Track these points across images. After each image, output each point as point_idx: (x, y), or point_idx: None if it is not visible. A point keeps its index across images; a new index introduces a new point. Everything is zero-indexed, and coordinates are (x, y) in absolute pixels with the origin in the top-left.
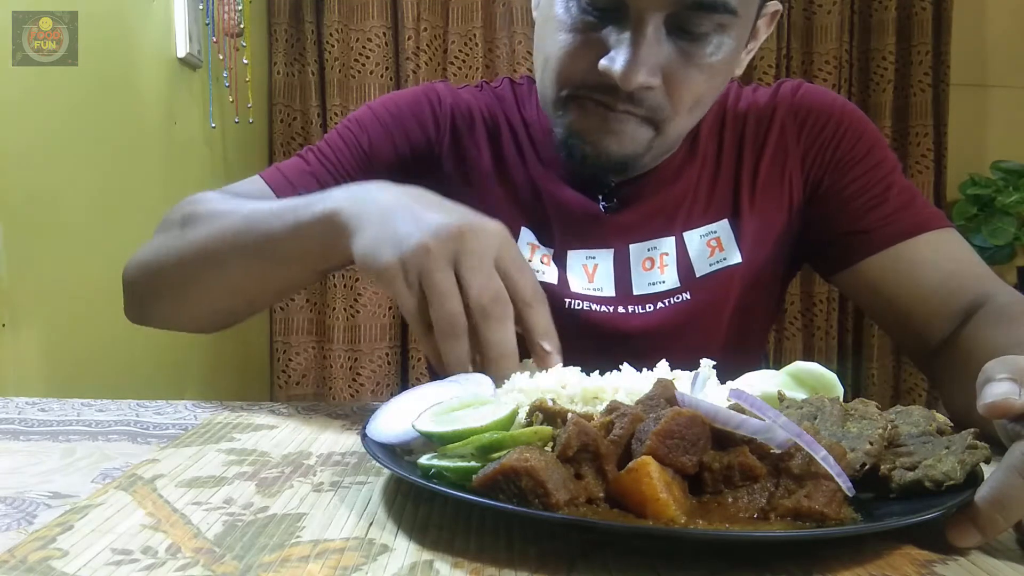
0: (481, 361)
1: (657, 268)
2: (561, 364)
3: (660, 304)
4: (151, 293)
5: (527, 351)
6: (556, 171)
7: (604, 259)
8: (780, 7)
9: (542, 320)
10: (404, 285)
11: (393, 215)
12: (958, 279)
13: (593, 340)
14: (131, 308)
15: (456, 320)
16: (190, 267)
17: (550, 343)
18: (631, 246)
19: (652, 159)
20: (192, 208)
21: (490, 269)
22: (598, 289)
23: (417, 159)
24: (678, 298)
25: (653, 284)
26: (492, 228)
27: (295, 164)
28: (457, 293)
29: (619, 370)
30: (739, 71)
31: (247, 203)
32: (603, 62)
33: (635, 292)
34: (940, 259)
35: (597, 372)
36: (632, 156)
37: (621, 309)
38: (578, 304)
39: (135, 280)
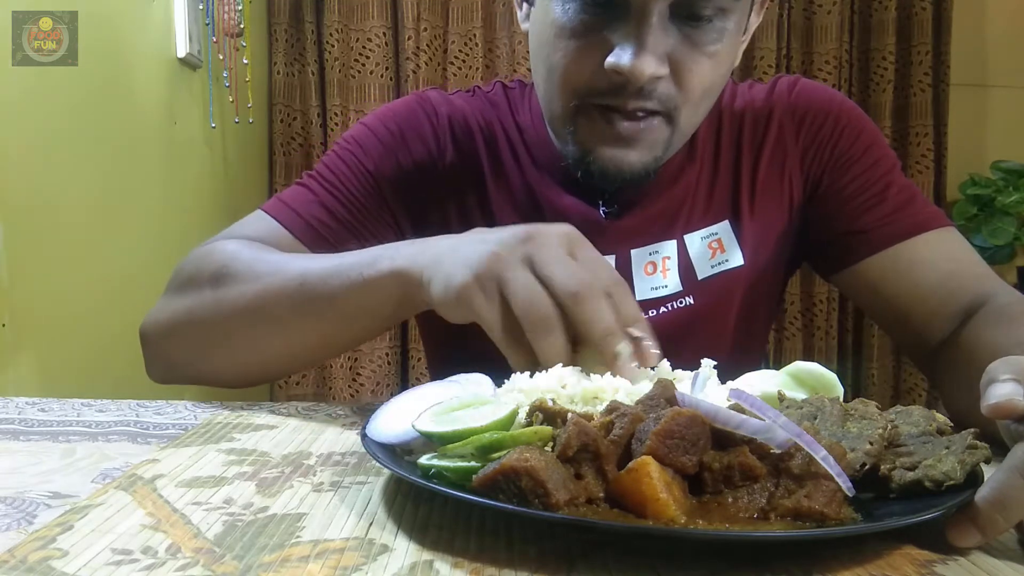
0: (581, 346)
1: (659, 272)
2: (658, 353)
3: (663, 309)
4: (184, 354)
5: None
6: (553, 177)
7: None
8: None
9: (629, 307)
10: (483, 298)
11: (458, 248)
12: (958, 279)
13: None
14: (155, 368)
15: (547, 311)
16: (235, 328)
17: (640, 329)
18: (632, 251)
19: (667, 158)
20: (221, 263)
21: (568, 259)
22: None
23: (422, 172)
24: (681, 302)
25: (655, 288)
26: (559, 227)
27: (299, 194)
28: (540, 286)
29: None
30: (736, 61)
31: (291, 259)
32: (610, 59)
33: (638, 298)
34: (939, 259)
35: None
36: (653, 163)
37: None
38: None
39: (160, 341)
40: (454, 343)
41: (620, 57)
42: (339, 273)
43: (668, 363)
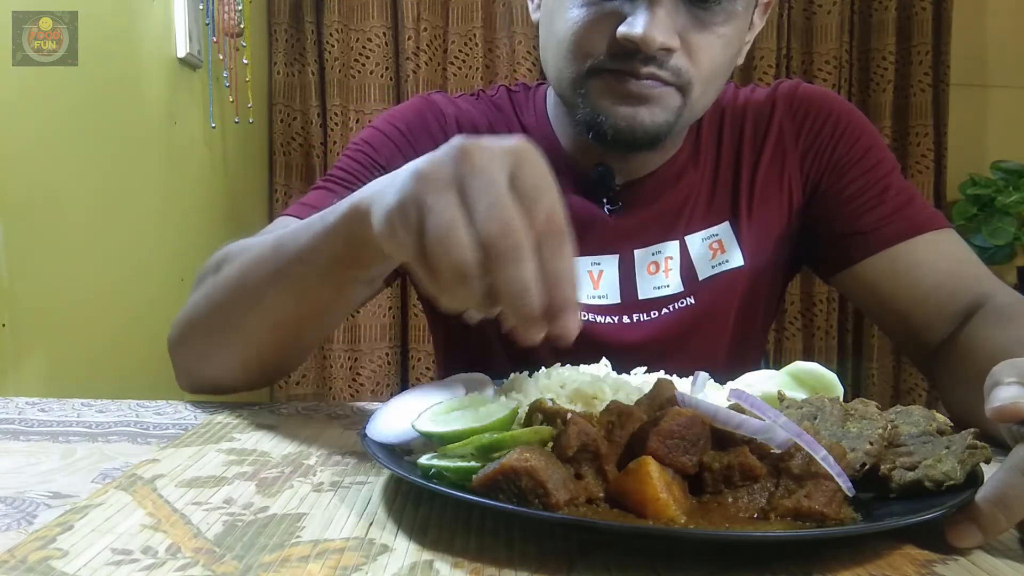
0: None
1: (662, 272)
2: (574, 329)
3: (665, 310)
4: (192, 355)
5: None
6: (558, 177)
7: (609, 265)
8: None
9: (557, 261)
10: (404, 227)
11: (400, 171)
12: (956, 280)
13: (597, 353)
14: (181, 377)
15: (460, 256)
16: (227, 309)
17: (564, 291)
18: (636, 251)
19: (677, 135)
20: (223, 254)
21: (500, 190)
22: (603, 296)
23: None
24: (682, 303)
25: (658, 288)
26: (505, 143)
27: (319, 195)
28: (461, 222)
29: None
30: (740, 60)
31: (277, 231)
32: (622, 28)
33: (640, 297)
34: (938, 260)
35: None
36: (664, 126)
37: (626, 319)
38: (583, 316)
39: (176, 347)
40: (458, 332)
41: (632, 26)
42: (307, 226)
43: (668, 371)
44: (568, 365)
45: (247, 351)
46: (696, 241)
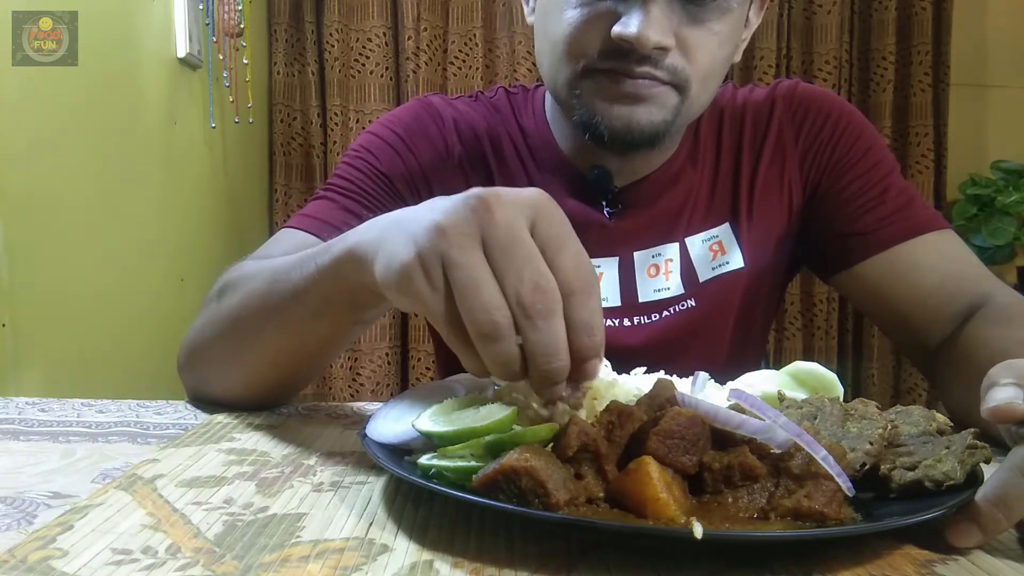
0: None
1: (662, 275)
2: (601, 370)
3: (666, 312)
4: (200, 376)
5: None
6: (557, 180)
7: (609, 268)
8: None
9: (586, 313)
10: (425, 283)
11: (403, 219)
12: (956, 280)
13: None
14: (189, 395)
15: (495, 316)
16: (226, 341)
17: (589, 343)
18: (635, 253)
19: (675, 135)
20: (227, 277)
21: (528, 247)
22: (603, 299)
23: (433, 170)
24: (683, 305)
25: (658, 291)
26: (523, 194)
27: (320, 205)
28: (491, 278)
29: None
30: (736, 57)
31: (275, 260)
32: (616, 28)
33: (640, 300)
34: (938, 261)
35: None
36: (662, 125)
37: (627, 322)
38: None
39: (184, 367)
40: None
41: (627, 26)
42: (300, 264)
43: (668, 372)
44: None
45: (249, 379)
46: (696, 243)
